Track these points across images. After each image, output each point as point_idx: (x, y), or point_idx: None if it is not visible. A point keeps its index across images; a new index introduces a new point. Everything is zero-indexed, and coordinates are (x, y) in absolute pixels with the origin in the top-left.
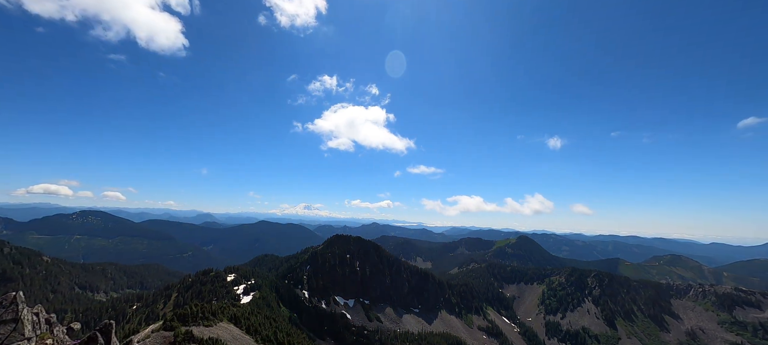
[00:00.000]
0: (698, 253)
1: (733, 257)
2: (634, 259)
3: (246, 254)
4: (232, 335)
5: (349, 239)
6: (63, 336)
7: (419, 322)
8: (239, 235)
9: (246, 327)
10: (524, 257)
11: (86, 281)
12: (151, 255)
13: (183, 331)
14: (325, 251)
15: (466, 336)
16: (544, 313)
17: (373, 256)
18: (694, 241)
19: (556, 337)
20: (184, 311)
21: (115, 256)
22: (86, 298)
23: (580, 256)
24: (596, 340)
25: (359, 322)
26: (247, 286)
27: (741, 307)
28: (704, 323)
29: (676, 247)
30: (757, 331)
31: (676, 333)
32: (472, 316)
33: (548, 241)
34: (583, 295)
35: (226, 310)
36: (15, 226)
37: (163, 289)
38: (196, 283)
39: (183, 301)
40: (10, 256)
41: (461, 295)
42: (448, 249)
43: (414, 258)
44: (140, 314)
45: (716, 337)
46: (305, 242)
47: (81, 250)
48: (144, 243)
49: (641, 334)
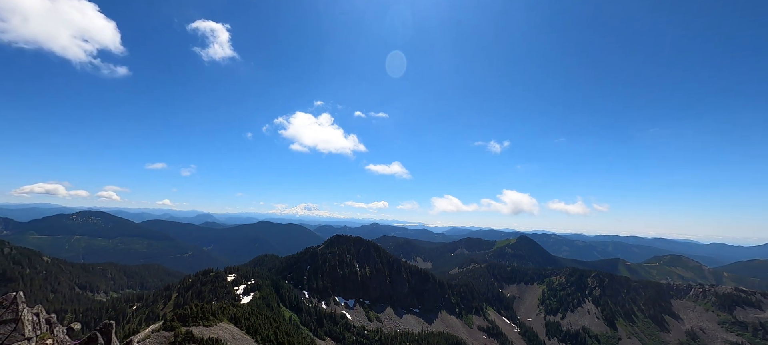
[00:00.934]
0: (698, 253)
1: (733, 257)
2: (634, 259)
3: (246, 254)
4: (232, 335)
5: (349, 239)
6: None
7: (419, 322)
8: (239, 235)
9: (246, 327)
10: (524, 257)
11: (86, 281)
12: (151, 255)
13: (183, 332)
14: (325, 251)
15: (466, 336)
16: (545, 313)
17: (373, 256)
18: (694, 241)
19: (557, 338)
20: (184, 311)
21: (115, 256)
22: (86, 298)
23: (580, 257)
24: (596, 340)
25: (359, 323)
26: (247, 286)
27: (741, 307)
28: (704, 323)
29: (676, 247)
30: (757, 331)
31: (677, 333)
32: (472, 316)
33: (548, 242)
34: (584, 296)
35: (226, 310)
36: (15, 226)
37: (163, 290)
38: (196, 283)
39: (183, 302)
40: (11, 256)
41: (461, 295)
42: (448, 249)
43: (414, 258)
44: (140, 314)
45: (716, 337)
46: (305, 242)
47: (81, 250)
48: (144, 243)
49: (641, 334)
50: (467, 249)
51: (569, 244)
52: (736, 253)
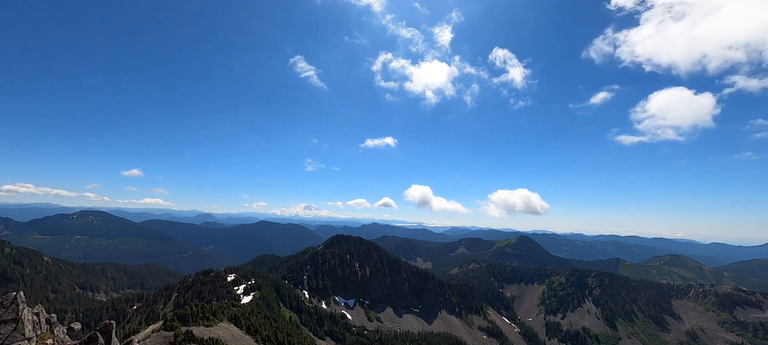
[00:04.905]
0: (698, 253)
1: (733, 257)
2: (635, 259)
3: (246, 254)
4: (232, 335)
5: (349, 239)
6: (63, 336)
7: (419, 322)
8: (239, 235)
9: (246, 327)
10: (524, 257)
11: (86, 281)
12: (151, 255)
13: (183, 331)
14: (325, 251)
15: (466, 336)
16: (545, 313)
17: (373, 256)
18: (695, 241)
19: (557, 337)
20: (184, 311)
21: (115, 256)
22: (86, 298)
23: (580, 256)
24: (596, 340)
25: (359, 323)
26: (248, 286)
27: (741, 307)
28: (704, 323)
29: (676, 247)
30: (757, 331)
31: (677, 333)
32: (473, 316)
33: (548, 241)
34: (584, 296)
35: (227, 310)
36: (15, 226)
37: (163, 289)
38: (197, 283)
39: (183, 301)
40: (11, 256)
41: (461, 295)
42: (448, 249)
43: (414, 258)
44: (140, 314)
45: (716, 337)
46: (305, 242)
47: (81, 250)
48: (144, 243)
49: (641, 334)
50: (467, 249)
51: (569, 244)
52: (736, 253)
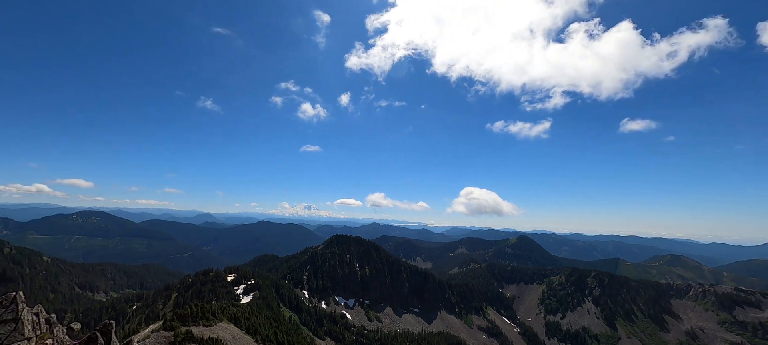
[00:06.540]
0: (698, 253)
1: (733, 257)
2: (634, 259)
3: (246, 254)
4: (232, 335)
5: (349, 239)
6: (63, 336)
7: (419, 322)
8: (239, 235)
9: (246, 327)
10: (524, 257)
11: (86, 281)
12: (151, 255)
13: (183, 331)
14: (325, 251)
15: (466, 336)
16: (544, 313)
17: (373, 256)
18: (694, 241)
19: (556, 337)
20: (184, 311)
21: (115, 256)
22: (86, 298)
23: (580, 256)
24: (596, 340)
25: (359, 323)
26: (247, 286)
27: (741, 307)
28: (704, 323)
29: (676, 247)
30: (757, 331)
31: (676, 333)
32: (472, 316)
33: (548, 241)
34: (583, 295)
35: (226, 310)
36: (15, 226)
37: (163, 289)
38: (196, 283)
39: (183, 301)
40: (10, 256)
41: (461, 295)
42: (448, 249)
43: (414, 258)
44: (140, 314)
45: (716, 337)
46: (305, 242)
47: (81, 250)
48: (144, 243)
49: (641, 334)
50: (467, 249)
51: (569, 243)
52: (736, 253)
